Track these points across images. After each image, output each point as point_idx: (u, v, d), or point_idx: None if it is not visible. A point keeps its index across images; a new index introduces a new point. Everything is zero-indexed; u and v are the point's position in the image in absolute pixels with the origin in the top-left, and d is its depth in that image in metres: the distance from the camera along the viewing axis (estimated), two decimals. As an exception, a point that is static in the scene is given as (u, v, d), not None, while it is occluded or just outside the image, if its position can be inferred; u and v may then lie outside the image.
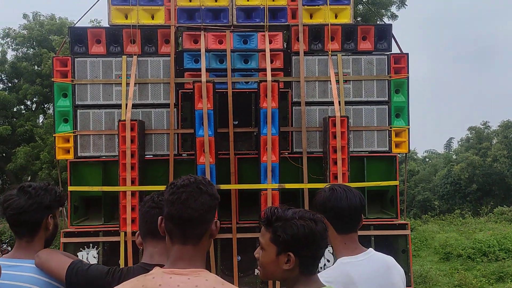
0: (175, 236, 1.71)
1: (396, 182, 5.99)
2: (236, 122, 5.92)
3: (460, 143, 35.54)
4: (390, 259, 2.35)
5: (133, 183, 5.45)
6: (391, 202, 6.10)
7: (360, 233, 2.39)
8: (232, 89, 5.91)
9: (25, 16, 20.01)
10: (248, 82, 6.12)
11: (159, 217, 1.78)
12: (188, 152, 6.00)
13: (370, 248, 2.33)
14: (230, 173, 5.75)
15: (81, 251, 5.69)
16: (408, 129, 6.09)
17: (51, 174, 16.20)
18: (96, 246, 5.69)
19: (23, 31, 19.37)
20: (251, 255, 5.71)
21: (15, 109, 19.42)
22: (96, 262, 5.64)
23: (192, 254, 1.71)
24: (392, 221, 5.94)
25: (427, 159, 41.33)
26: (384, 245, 5.68)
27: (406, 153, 6.32)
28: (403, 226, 5.88)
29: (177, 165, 5.86)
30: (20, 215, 2.13)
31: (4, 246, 14.08)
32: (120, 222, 5.45)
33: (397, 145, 6.08)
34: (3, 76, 19.53)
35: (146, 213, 2.08)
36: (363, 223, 2.37)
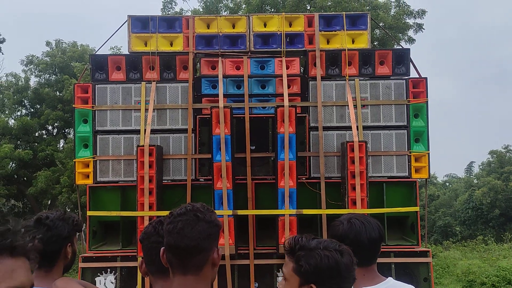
0: (175, 267, 1.64)
1: (417, 208, 5.88)
2: (253, 147, 5.92)
3: (481, 167, 34.91)
4: None
5: (151, 208, 5.46)
6: (411, 228, 5.98)
7: (380, 260, 2.34)
8: (249, 114, 5.93)
9: (48, 43, 20.54)
10: (265, 107, 6.14)
11: (161, 248, 1.70)
12: (205, 177, 6.01)
13: (389, 278, 2.27)
14: (248, 198, 5.73)
15: (99, 276, 5.68)
16: (428, 154, 6.01)
17: (70, 198, 16.33)
18: (113, 271, 5.68)
19: (45, 58, 19.87)
20: (268, 281, 5.66)
21: (36, 134, 19.78)
22: (113, 288, 5.63)
23: (193, 285, 1.63)
24: (413, 248, 5.80)
25: (447, 184, 40.67)
26: (405, 273, 5.55)
27: (426, 179, 6.21)
28: (424, 254, 5.75)
29: (195, 190, 5.87)
30: None
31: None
32: (138, 247, 5.43)
33: (416, 170, 5.99)
34: (26, 102, 19.96)
35: (152, 249, 1.92)
36: (383, 250, 2.32)
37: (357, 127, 5.81)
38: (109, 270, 5.68)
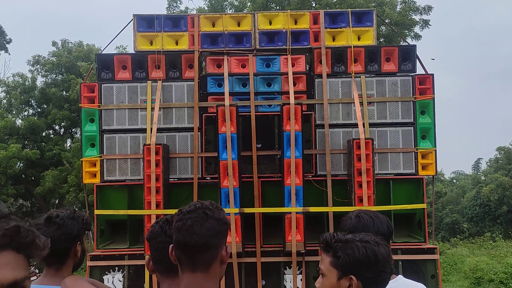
0: (184, 264, 1.66)
1: (424, 205, 5.86)
2: (260, 145, 5.92)
3: (488, 163, 34.71)
4: (420, 286, 2.28)
5: (157, 206, 5.48)
6: (418, 225, 5.96)
7: (388, 257, 2.32)
8: (255, 112, 5.93)
9: (54, 43, 20.63)
10: (271, 105, 6.14)
11: (170, 245, 1.71)
12: (212, 176, 6.01)
13: (399, 275, 2.27)
14: (254, 196, 5.73)
15: (107, 274, 5.71)
16: (435, 150, 5.98)
17: (78, 197, 16.43)
18: (121, 270, 5.71)
19: (52, 58, 19.96)
20: (275, 279, 5.67)
21: (44, 134, 19.88)
22: (122, 286, 5.66)
23: (202, 282, 1.65)
24: (420, 245, 5.79)
25: (454, 180, 40.49)
26: (412, 270, 5.54)
27: (433, 176, 6.19)
28: (431, 251, 5.73)
29: (201, 188, 5.88)
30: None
31: (32, 269, 14.26)
32: (145, 246, 5.46)
33: (423, 167, 5.96)
34: (32, 101, 20.07)
35: (160, 249, 1.90)
36: (391, 247, 2.31)
37: (363, 124, 5.79)
38: (116, 268, 5.72)
